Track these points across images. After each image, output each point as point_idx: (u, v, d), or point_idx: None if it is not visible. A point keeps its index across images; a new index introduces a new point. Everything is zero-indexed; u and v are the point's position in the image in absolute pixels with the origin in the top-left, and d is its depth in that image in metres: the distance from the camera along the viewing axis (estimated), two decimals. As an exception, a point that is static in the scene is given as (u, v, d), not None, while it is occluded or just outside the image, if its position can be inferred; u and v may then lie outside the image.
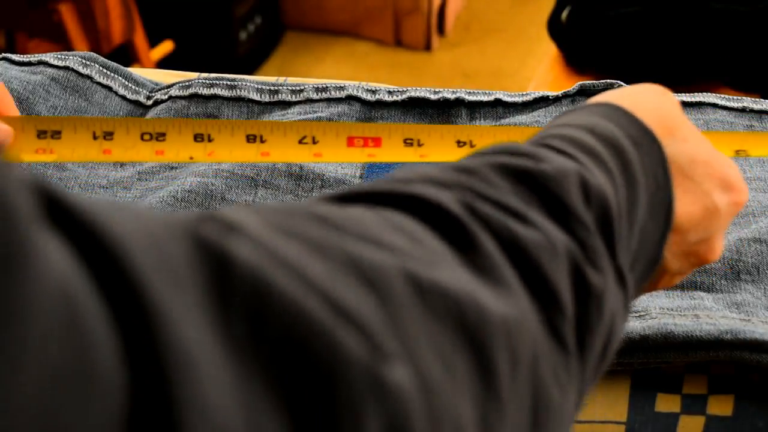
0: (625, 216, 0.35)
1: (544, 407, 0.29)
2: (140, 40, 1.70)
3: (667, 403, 0.56)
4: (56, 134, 0.52)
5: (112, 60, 0.79)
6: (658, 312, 0.57)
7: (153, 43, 1.79)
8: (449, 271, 0.26)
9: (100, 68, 0.77)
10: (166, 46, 1.82)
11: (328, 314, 0.22)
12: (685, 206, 0.40)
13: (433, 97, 0.74)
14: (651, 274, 0.39)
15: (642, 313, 0.57)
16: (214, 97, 0.75)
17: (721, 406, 0.56)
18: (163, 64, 1.80)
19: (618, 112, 0.39)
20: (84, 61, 0.77)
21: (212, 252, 0.20)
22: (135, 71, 0.80)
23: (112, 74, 0.77)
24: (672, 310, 0.57)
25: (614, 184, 0.35)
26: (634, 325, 0.55)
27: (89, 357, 0.16)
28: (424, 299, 0.25)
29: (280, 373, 0.20)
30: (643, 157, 0.38)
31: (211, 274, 0.20)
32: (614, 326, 0.34)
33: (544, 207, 0.31)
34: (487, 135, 0.57)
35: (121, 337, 0.17)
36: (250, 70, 2.15)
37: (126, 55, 1.69)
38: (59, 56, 0.77)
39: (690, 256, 0.42)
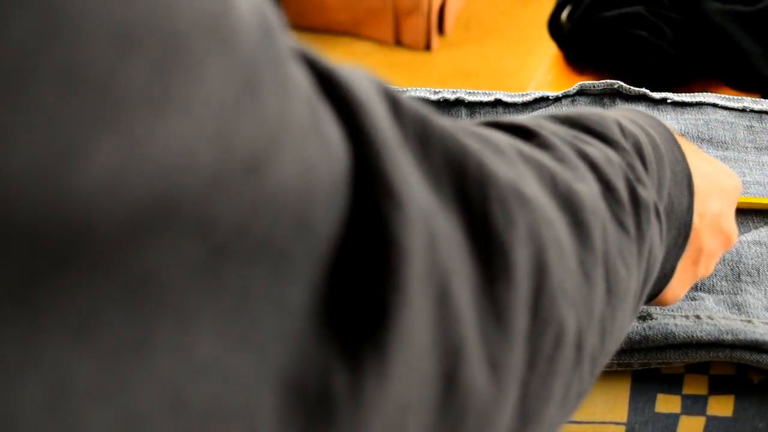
0: (654, 164, 0.40)
1: (614, 278, 0.34)
2: (140, 40, 1.69)
3: (667, 404, 0.56)
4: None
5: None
6: (659, 313, 0.57)
7: (153, 43, 1.79)
8: (540, 153, 0.33)
9: None
10: (166, 46, 1.82)
11: (476, 146, 0.28)
12: (700, 180, 0.46)
13: (433, 97, 0.74)
14: (687, 243, 0.44)
15: (643, 314, 0.57)
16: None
17: (721, 407, 0.56)
18: (163, 64, 1.79)
19: (629, 110, 0.46)
20: None
21: (388, 94, 0.26)
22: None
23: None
24: (673, 311, 0.57)
25: (643, 137, 0.40)
26: (635, 325, 0.55)
27: (321, 127, 0.22)
28: (528, 163, 0.31)
29: (446, 178, 0.26)
30: (659, 135, 0.43)
31: (389, 103, 0.26)
32: (653, 250, 0.38)
33: (593, 136, 0.37)
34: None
35: (340, 123, 0.23)
36: (250, 70, 2.15)
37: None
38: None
39: (716, 233, 0.47)
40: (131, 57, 0.16)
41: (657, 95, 0.73)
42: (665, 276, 0.45)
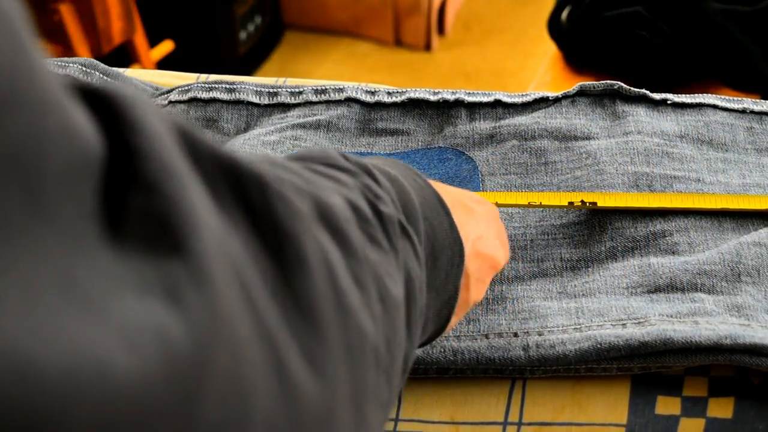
0: (393, 190, 0.40)
1: (383, 287, 0.34)
2: (140, 39, 1.69)
3: (667, 406, 0.56)
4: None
5: (112, 60, 0.79)
6: (657, 318, 0.56)
7: (153, 42, 1.79)
8: (278, 170, 0.33)
9: (101, 75, 0.77)
10: (166, 46, 1.82)
11: (240, 153, 0.29)
12: (451, 208, 0.46)
13: (432, 98, 0.74)
14: (463, 261, 0.45)
15: (641, 320, 0.57)
16: (214, 100, 0.75)
17: (721, 409, 0.56)
18: (164, 63, 1.79)
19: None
20: (84, 68, 0.77)
21: (158, 107, 0.27)
22: (135, 72, 0.80)
23: (113, 81, 0.77)
24: (671, 316, 0.57)
25: (372, 168, 0.41)
26: (633, 332, 0.55)
27: (68, 115, 0.22)
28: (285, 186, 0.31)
29: (221, 181, 0.27)
30: (394, 170, 0.44)
31: (159, 112, 0.27)
32: (408, 265, 0.38)
33: (322, 164, 0.38)
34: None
35: (96, 118, 0.24)
36: (251, 70, 2.15)
37: (126, 55, 1.69)
38: (60, 63, 0.77)
39: (478, 257, 0.48)
40: None
41: (657, 96, 0.73)
42: (450, 298, 0.45)
